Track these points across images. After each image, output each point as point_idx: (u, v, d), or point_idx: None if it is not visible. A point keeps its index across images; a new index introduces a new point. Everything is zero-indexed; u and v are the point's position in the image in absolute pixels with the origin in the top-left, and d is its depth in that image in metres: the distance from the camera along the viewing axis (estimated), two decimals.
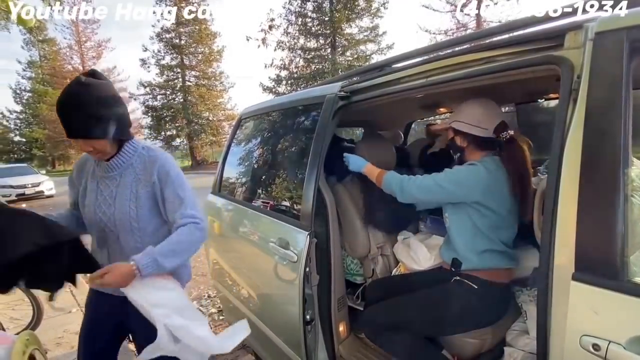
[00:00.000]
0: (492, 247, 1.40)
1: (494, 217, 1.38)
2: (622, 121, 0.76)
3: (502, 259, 1.41)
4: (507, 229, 1.44)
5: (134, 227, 1.28)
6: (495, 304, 1.43)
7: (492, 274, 1.40)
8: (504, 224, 1.41)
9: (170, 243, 1.19)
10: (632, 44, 0.77)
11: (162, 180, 1.28)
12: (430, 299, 1.48)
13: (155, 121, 25.62)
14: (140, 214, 1.28)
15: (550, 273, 0.86)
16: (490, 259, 1.40)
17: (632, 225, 0.78)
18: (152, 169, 1.28)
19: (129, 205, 1.27)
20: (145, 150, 1.34)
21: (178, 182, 1.29)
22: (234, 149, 2.45)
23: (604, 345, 0.74)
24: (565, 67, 0.88)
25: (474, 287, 1.39)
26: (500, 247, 1.41)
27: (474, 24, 17.29)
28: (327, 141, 1.56)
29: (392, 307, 1.52)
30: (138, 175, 1.29)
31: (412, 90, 1.35)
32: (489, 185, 1.35)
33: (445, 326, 1.44)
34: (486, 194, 1.36)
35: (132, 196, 1.28)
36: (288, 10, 20.58)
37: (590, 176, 0.79)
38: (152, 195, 1.29)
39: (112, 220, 1.27)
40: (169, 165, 1.30)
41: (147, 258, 1.14)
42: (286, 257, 1.56)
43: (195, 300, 3.38)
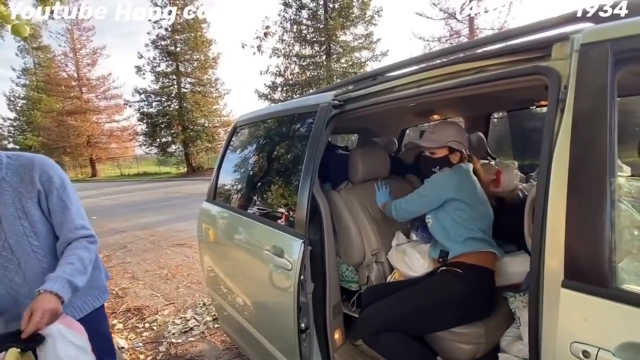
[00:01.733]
0: (472, 235, 1.57)
1: (469, 209, 1.60)
2: (608, 130, 0.78)
3: (483, 244, 1.57)
4: (483, 218, 1.64)
5: (35, 247, 1.17)
6: (480, 288, 1.50)
7: (476, 257, 1.54)
8: (478, 214, 1.62)
9: (72, 262, 1.11)
10: (616, 55, 0.79)
11: (45, 186, 1.16)
12: (419, 291, 1.57)
13: (151, 128, 25.52)
14: (37, 230, 1.17)
15: (541, 280, 0.87)
16: (472, 244, 1.56)
17: (620, 232, 0.79)
18: (32, 177, 1.15)
19: (21, 224, 1.14)
20: (13, 159, 1.18)
21: (62, 188, 1.18)
22: (229, 157, 2.46)
23: (593, 352, 0.75)
24: (553, 78, 0.90)
25: (459, 271, 1.51)
26: (480, 235, 1.58)
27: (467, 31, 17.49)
28: (321, 149, 1.57)
29: (384, 307, 1.56)
30: (17, 188, 1.14)
31: (404, 99, 1.37)
32: (459, 182, 1.62)
33: (437, 317, 1.48)
34: (458, 190, 1.60)
35: (19, 213, 1.14)
36: (283, 18, 20.71)
37: (578, 184, 0.81)
38: (39, 206, 1.17)
39: (6, 247, 1.13)
40: (50, 169, 1.18)
41: (59, 282, 1.04)
42: (281, 265, 1.56)
43: (190, 308, 3.36)
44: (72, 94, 28.24)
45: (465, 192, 1.61)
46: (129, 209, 10.19)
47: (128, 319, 3.25)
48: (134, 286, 4.10)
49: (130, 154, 32.20)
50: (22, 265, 1.15)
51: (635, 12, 0.87)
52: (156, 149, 26.54)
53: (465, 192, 1.61)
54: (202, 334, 2.88)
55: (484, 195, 1.69)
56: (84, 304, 1.37)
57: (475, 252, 1.55)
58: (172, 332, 2.92)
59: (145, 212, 9.33)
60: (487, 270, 1.54)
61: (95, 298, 1.43)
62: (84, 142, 27.92)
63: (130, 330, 3.04)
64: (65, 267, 1.09)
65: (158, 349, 2.70)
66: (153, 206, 10.47)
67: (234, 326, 2.20)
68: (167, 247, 5.69)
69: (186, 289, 3.90)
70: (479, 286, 1.51)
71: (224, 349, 2.64)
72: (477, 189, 1.66)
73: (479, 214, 1.63)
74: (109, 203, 11.91)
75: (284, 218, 1.74)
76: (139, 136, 27.91)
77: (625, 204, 0.87)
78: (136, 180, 23.16)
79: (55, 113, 27.03)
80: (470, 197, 1.61)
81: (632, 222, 0.84)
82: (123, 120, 29.97)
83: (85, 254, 1.15)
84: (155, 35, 24.18)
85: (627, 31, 0.78)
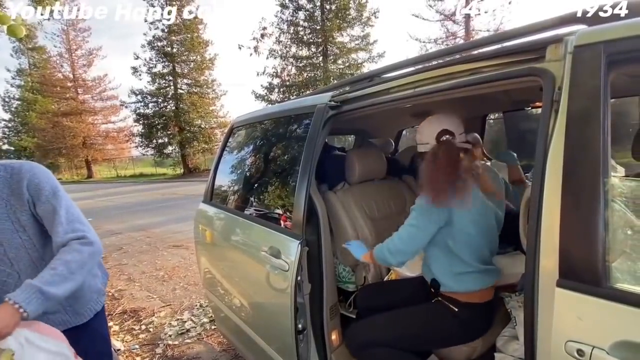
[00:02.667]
0: (467, 270, 1.37)
1: (465, 236, 1.34)
2: (601, 131, 0.79)
3: (480, 280, 1.39)
4: (485, 244, 1.41)
5: (36, 258, 1.15)
6: (477, 322, 1.44)
7: (470, 296, 1.40)
8: (476, 240, 1.37)
9: (54, 267, 1.05)
10: (609, 57, 0.80)
11: (33, 196, 1.12)
12: (413, 318, 1.47)
13: (147, 129, 25.41)
14: (37, 242, 1.14)
15: (536, 280, 0.88)
16: (466, 281, 1.38)
17: (613, 232, 0.80)
18: (21, 187, 1.11)
19: (20, 237, 1.12)
20: (2, 171, 1.13)
21: (51, 194, 1.14)
22: (226, 158, 2.46)
23: (588, 351, 0.76)
24: (547, 79, 0.91)
25: (455, 309, 1.40)
26: (476, 268, 1.38)
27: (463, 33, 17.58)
28: (318, 150, 1.58)
29: (377, 325, 1.52)
30: (8, 201, 1.12)
31: (401, 100, 1.37)
32: (452, 220, 1.33)
33: (428, 345, 1.48)
34: (453, 210, 1.32)
35: (16, 226, 1.12)
36: (280, 19, 20.73)
37: (572, 184, 0.82)
38: (34, 216, 1.14)
39: (5, 261, 1.11)
40: (37, 176, 1.14)
41: (27, 291, 0.97)
42: (278, 266, 1.56)
43: (186, 309, 3.35)
44: (67, 95, 28.08)
45: (462, 213, 1.32)
46: (125, 211, 10.15)
47: (124, 321, 3.24)
48: (130, 288, 4.09)
49: (126, 155, 32.03)
50: (22, 278, 1.12)
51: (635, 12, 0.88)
52: (152, 150, 26.42)
53: (462, 213, 1.32)
54: (199, 335, 2.87)
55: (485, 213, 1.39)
56: (88, 310, 1.37)
57: (470, 292, 1.39)
58: (169, 334, 2.91)
59: (142, 214, 9.29)
60: (485, 305, 1.43)
61: (96, 302, 1.42)
62: (79, 143, 27.76)
63: (127, 333, 3.02)
64: (44, 274, 1.02)
65: (154, 351, 2.69)
66: (149, 207, 10.43)
67: (231, 328, 2.19)
68: (163, 248, 5.67)
69: (183, 290, 3.88)
70: (476, 320, 1.43)
71: (221, 351, 2.63)
72: (481, 203, 1.36)
73: (478, 240, 1.37)
74: (105, 204, 11.85)
75: (281, 219, 1.74)
76: (135, 137, 27.76)
77: (619, 204, 0.88)
78: (132, 182, 23.06)
79: (51, 114, 26.86)
80: (466, 218, 1.33)
81: (625, 222, 0.84)
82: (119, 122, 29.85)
83: (72, 257, 1.08)
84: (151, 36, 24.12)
85: (619, 33, 0.79)
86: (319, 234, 1.64)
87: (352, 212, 1.93)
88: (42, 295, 0.99)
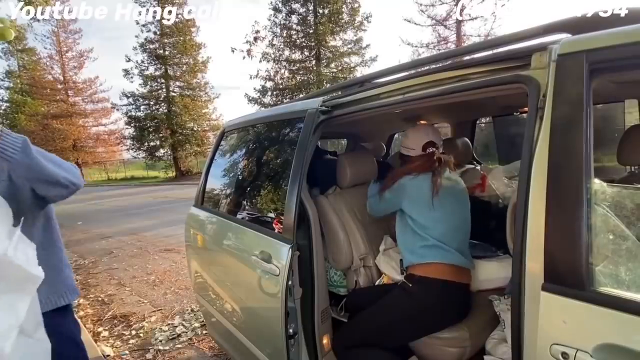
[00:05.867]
0: (425, 243, 1.55)
1: (423, 216, 1.57)
2: (584, 137, 0.80)
3: (436, 254, 1.53)
4: (436, 226, 1.57)
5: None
6: (432, 303, 1.49)
7: (427, 269, 1.52)
8: (431, 223, 1.56)
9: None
10: (591, 66, 0.82)
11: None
12: (380, 308, 1.58)
13: (139, 132, 25.20)
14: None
15: (522, 283, 0.89)
16: (422, 253, 1.54)
17: (597, 236, 0.82)
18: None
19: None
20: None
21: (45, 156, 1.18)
22: (217, 161, 2.45)
23: (572, 354, 0.77)
24: (532, 86, 0.93)
25: (409, 285, 1.52)
26: (433, 242, 1.54)
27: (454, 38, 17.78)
28: (309, 154, 1.58)
29: (353, 325, 1.61)
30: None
31: (391, 106, 1.39)
32: (411, 195, 1.61)
33: (396, 333, 1.53)
34: (411, 198, 1.61)
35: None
36: (273, 23, 20.78)
37: (556, 189, 0.83)
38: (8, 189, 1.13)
39: None
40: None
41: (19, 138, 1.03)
42: (268, 271, 1.56)
43: (177, 314, 3.32)
44: (57, 97, 27.75)
45: (420, 201, 1.58)
46: (115, 214, 10.04)
47: (114, 326, 3.20)
48: (121, 293, 4.04)
49: (117, 158, 31.72)
50: None
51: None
52: (144, 153, 26.20)
53: (420, 200, 1.59)
54: (189, 340, 2.85)
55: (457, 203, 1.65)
56: (46, 300, 1.29)
57: (425, 264, 1.53)
58: (160, 339, 2.89)
59: (132, 217, 9.20)
60: (438, 282, 1.49)
61: (59, 296, 1.35)
62: (69, 146, 27.42)
63: (117, 338, 2.98)
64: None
65: (145, 357, 2.66)
66: (140, 211, 10.33)
67: (222, 332, 2.18)
68: (154, 252, 5.62)
69: (174, 295, 3.85)
70: (431, 301, 1.48)
71: (212, 356, 2.61)
72: (430, 196, 1.58)
73: (433, 223, 1.57)
74: (95, 208, 11.71)
75: (272, 223, 1.74)
76: (126, 140, 27.51)
77: (603, 208, 0.90)
78: (123, 185, 22.84)
79: (40, 116, 26.50)
80: (421, 212, 1.58)
81: (608, 226, 0.86)
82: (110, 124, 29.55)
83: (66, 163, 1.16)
84: (143, 39, 24.02)
85: (601, 42, 0.82)
86: (310, 238, 1.64)
87: (343, 216, 1.94)
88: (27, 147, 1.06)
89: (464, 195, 1.72)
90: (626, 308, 0.72)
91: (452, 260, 1.53)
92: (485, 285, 1.74)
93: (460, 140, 2.66)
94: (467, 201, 1.72)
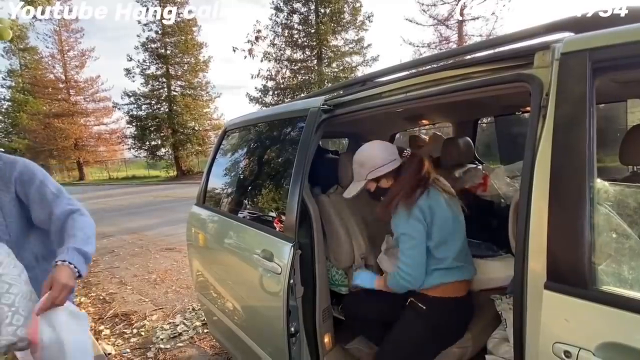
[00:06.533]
0: (439, 266, 1.43)
1: (439, 234, 1.41)
2: (587, 136, 0.80)
3: (453, 274, 1.44)
4: (454, 241, 1.46)
5: (5, 242, 1.14)
6: (446, 322, 1.46)
7: (442, 290, 1.43)
8: (449, 237, 1.44)
9: (75, 234, 1.09)
10: (594, 64, 0.82)
11: (25, 182, 1.18)
12: (396, 343, 1.50)
13: (140, 131, 25.23)
14: (10, 224, 1.17)
15: (525, 282, 0.89)
16: (437, 276, 1.43)
17: (600, 235, 0.82)
18: (11, 174, 1.18)
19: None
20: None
21: (44, 177, 1.22)
22: (219, 161, 2.45)
23: (574, 352, 0.77)
24: (535, 85, 0.92)
25: (422, 307, 1.44)
26: (448, 264, 1.43)
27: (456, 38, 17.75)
28: (310, 153, 1.58)
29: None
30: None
31: (393, 105, 1.39)
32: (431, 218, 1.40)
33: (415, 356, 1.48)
34: (431, 226, 1.41)
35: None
36: (275, 22, 20.80)
37: (559, 188, 0.83)
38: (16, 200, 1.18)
39: None
40: (30, 167, 1.22)
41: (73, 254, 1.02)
42: (270, 269, 1.56)
43: (178, 313, 3.33)
44: (59, 96, 27.84)
45: (438, 223, 1.41)
46: (117, 213, 10.05)
47: (115, 325, 3.21)
48: (122, 291, 4.05)
49: (118, 157, 31.78)
50: None
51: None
52: (145, 152, 26.24)
53: (438, 223, 1.41)
54: (191, 339, 2.85)
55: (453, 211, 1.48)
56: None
57: (440, 285, 1.43)
58: (161, 337, 2.89)
59: (134, 216, 9.21)
60: (454, 300, 1.45)
61: None
62: (71, 145, 27.50)
63: (118, 336, 2.99)
64: (73, 238, 1.07)
65: (146, 355, 2.66)
66: (142, 210, 10.35)
67: (223, 331, 2.18)
68: (155, 251, 5.63)
69: (175, 293, 3.86)
70: (445, 320, 1.45)
71: (213, 354, 2.62)
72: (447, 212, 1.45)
73: (451, 237, 1.45)
74: (97, 207, 11.72)
75: (273, 222, 1.74)
76: (127, 139, 27.60)
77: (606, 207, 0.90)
78: (125, 184, 22.86)
79: (42, 115, 26.59)
80: (442, 226, 1.41)
81: (611, 225, 0.86)
82: (112, 123, 29.69)
83: (84, 223, 1.13)
84: (145, 38, 24.05)
85: (604, 41, 0.81)
86: (311, 237, 1.64)
87: (344, 215, 1.93)
88: (83, 257, 1.06)
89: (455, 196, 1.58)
90: (629, 307, 0.72)
91: (467, 276, 1.48)
92: (487, 285, 1.73)
93: (462, 140, 2.65)
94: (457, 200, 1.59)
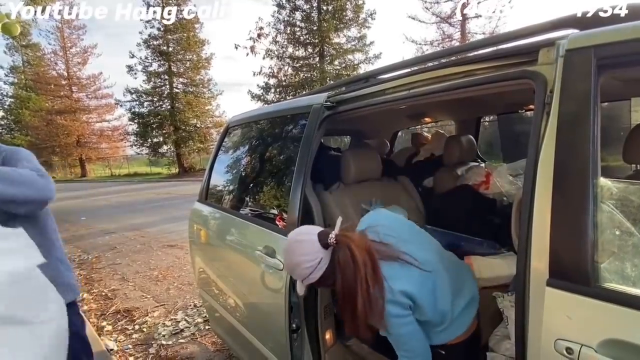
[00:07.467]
0: (444, 327, 1.22)
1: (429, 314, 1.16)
2: (591, 133, 0.80)
3: (459, 325, 1.25)
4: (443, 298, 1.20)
5: None
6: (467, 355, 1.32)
7: (457, 338, 1.25)
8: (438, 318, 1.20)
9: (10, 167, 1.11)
10: (599, 61, 0.82)
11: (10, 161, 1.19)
12: None
13: (142, 128, 25.28)
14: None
15: (527, 279, 0.89)
16: (448, 332, 1.23)
17: (602, 233, 0.82)
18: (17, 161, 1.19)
19: None
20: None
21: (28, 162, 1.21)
22: (221, 157, 2.46)
23: (576, 349, 0.77)
24: (539, 82, 0.92)
25: (442, 352, 1.25)
26: (451, 322, 1.22)
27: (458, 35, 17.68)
28: (313, 150, 1.58)
29: None
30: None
31: (396, 102, 1.38)
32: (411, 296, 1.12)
33: None
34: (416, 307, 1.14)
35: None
36: (277, 19, 20.75)
37: (562, 185, 0.83)
38: None
39: None
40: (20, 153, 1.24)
41: None
42: (272, 266, 1.57)
43: (180, 309, 3.34)
44: (61, 92, 27.88)
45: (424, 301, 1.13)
46: (119, 210, 10.09)
47: (117, 321, 3.22)
48: (124, 288, 4.07)
49: (120, 154, 31.83)
50: None
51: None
52: (147, 149, 26.31)
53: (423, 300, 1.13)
54: (192, 335, 2.87)
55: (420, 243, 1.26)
56: None
57: (457, 337, 1.25)
58: (162, 333, 2.91)
59: (136, 213, 9.24)
60: (471, 338, 1.30)
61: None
62: (73, 141, 27.56)
63: (120, 332, 3.01)
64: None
65: (148, 351, 2.68)
66: (144, 207, 10.38)
67: (225, 327, 2.19)
68: (157, 248, 5.64)
69: (177, 290, 3.87)
70: (462, 355, 1.30)
71: (214, 351, 2.63)
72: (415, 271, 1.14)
73: (439, 315, 1.18)
74: (99, 204, 11.77)
75: (276, 219, 1.74)
76: (129, 136, 27.65)
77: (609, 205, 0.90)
78: (127, 181, 22.91)
79: (44, 112, 26.63)
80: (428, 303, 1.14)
81: (614, 223, 0.86)
82: (114, 120, 29.71)
83: (23, 172, 1.11)
84: (147, 35, 24.06)
85: (609, 38, 0.81)
86: None
87: (347, 212, 1.94)
88: None
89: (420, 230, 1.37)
90: (632, 304, 0.72)
91: (472, 317, 1.30)
92: (489, 283, 1.73)
93: (465, 138, 2.65)
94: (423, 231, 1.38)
